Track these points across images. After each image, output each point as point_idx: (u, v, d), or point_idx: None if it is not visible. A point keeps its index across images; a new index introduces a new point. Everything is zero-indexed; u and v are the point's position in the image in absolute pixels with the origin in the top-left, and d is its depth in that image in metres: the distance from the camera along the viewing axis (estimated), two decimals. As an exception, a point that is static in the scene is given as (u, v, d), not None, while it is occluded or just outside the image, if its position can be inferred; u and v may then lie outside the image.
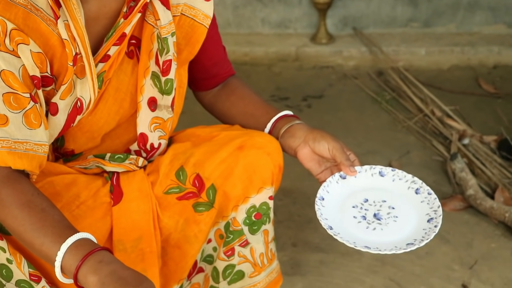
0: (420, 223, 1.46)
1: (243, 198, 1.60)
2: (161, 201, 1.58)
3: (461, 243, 2.29)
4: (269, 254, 1.71)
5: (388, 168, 1.58)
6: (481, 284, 2.09)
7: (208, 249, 1.67)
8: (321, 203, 1.51)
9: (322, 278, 2.09)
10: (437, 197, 1.51)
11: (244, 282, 1.73)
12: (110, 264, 1.23)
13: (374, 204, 1.52)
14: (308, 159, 1.59)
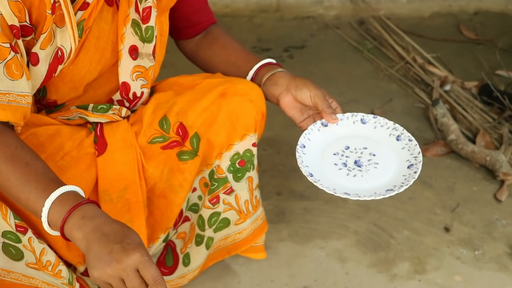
0: (400, 169, 1.48)
1: (226, 146, 1.60)
2: (145, 151, 1.58)
3: (443, 187, 2.33)
4: (253, 201, 1.73)
5: (369, 115, 1.59)
6: (463, 227, 2.13)
7: (193, 198, 1.68)
8: (302, 151, 1.52)
9: (306, 225, 2.12)
10: (417, 143, 1.52)
11: (229, 230, 1.75)
12: (93, 219, 1.23)
13: (355, 151, 1.53)
14: (290, 107, 1.59)
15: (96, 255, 1.19)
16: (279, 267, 1.92)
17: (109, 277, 1.19)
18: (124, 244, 1.19)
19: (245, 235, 1.78)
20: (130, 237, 1.21)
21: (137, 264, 1.18)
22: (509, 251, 2.02)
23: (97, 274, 1.20)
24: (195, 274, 1.77)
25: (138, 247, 1.20)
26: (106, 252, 1.19)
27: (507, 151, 2.43)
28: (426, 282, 1.88)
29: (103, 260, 1.19)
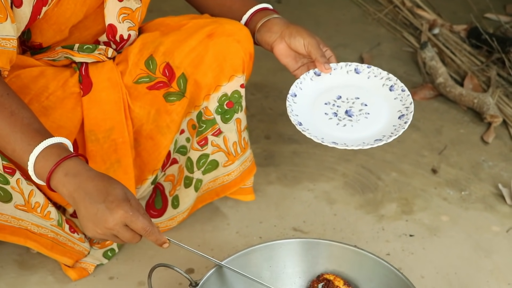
0: (391, 120, 1.47)
1: (214, 87, 1.59)
2: (131, 91, 1.57)
3: (431, 130, 2.34)
4: (242, 143, 1.73)
5: (364, 65, 1.57)
6: (450, 168, 2.14)
7: (181, 140, 1.68)
8: (292, 100, 1.51)
9: (295, 168, 2.12)
10: (410, 94, 1.51)
11: (218, 172, 1.75)
12: (76, 176, 1.24)
13: (347, 101, 1.52)
14: (284, 55, 1.57)
15: (84, 216, 1.23)
16: (268, 209, 1.93)
17: (101, 235, 1.24)
18: (107, 203, 1.21)
19: (234, 177, 1.79)
20: (112, 194, 1.22)
21: (123, 221, 1.22)
22: (495, 191, 2.04)
23: (90, 234, 1.25)
24: (184, 216, 1.79)
25: (121, 203, 1.22)
26: (92, 213, 1.22)
27: (494, 93, 2.43)
28: (413, 222, 1.90)
29: (92, 221, 1.22)
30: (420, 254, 1.79)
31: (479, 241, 1.84)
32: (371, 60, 2.77)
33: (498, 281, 1.70)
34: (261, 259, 1.47)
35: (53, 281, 1.66)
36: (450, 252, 1.80)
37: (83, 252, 1.66)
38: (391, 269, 1.41)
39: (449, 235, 1.86)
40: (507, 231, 1.88)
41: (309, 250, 1.49)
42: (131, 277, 1.67)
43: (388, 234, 1.86)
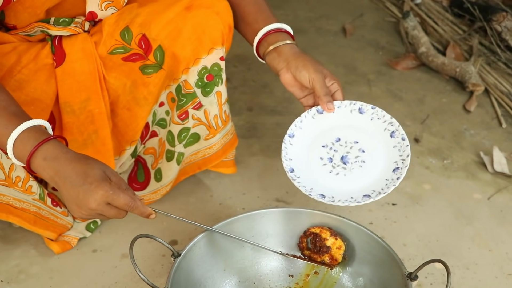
0: (385, 172, 1.44)
1: (193, 60, 1.58)
2: (105, 62, 1.55)
3: (413, 99, 2.34)
4: (223, 116, 1.72)
5: (368, 105, 1.52)
6: (432, 137, 2.15)
7: (160, 113, 1.67)
8: (289, 141, 1.49)
9: (278, 139, 2.10)
10: (409, 144, 1.47)
11: (199, 145, 1.75)
12: (54, 160, 1.24)
13: (345, 144, 1.50)
14: (290, 84, 1.54)
15: (67, 199, 1.26)
16: (251, 181, 1.93)
17: (87, 216, 1.27)
18: (86, 185, 1.22)
19: (215, 150, 1.78)
20: (90, 175, 1.23)
21: (104, 200, 1.23)
22: (476, 159, 2.05)
23: (77, 216, 1.28)
24: (167, 190, 1.79)
25: (100, 183, 1.23)
26: (74, 196, 1.23)
27: (476, 62, 2.44)
28: (396, 191, 1.89)
29: (75, 204, 1.25)
30: (402, 223, 1.80)
31: (461, 209, 1.85)
32: (354, 31, 2.76)
33: (480, 247, 1.71)
34: (244, 229, 1.47)
35: (36, 254, 1.65)
36: (432, 220, 1.81)
37: (66, 225, 1.66)
38: (374, 237, 1.42)
39: (431, 203, 1.87)
40: (489, 198, 1.89)
41: (291, 220, 1.49)
42: (114, 249, 1.67)
43: (371, 203, 1.86)
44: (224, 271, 1.45)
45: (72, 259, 1.65)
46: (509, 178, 1.96)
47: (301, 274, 1.51)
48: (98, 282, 1.58)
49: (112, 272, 1.61)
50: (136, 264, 1.25)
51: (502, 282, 1.61)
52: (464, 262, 1.67)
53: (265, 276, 1.50)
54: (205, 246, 1.41)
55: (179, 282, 1.33)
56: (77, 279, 1.59)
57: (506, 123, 2.21)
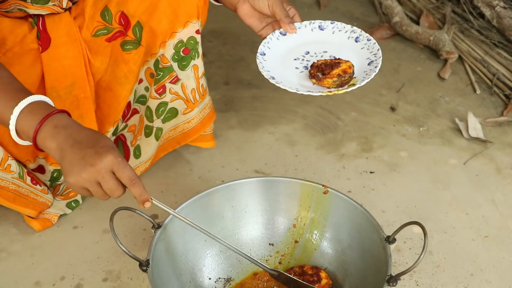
0: (361, 67, 1.48)
1: (170, 34, 1.58)
2: (90, 45, 1.55)
3: (388, 69, 2.36)
4: (200, 90, 1.72)
5: (327, 21, 1.58)
6: (408, 105, 2.17)
7: (140, 90, 1.67)
8: (262, 58, 1.51)
9: (255, 112, 2.13)
10: (376, 42, 1.52)
11: (178, 120, 1.75)
12: (66, 128, 1.21)
13: (315, 55, 1.53)
14: (248, 15, 1.56)
15: (70, 161, 1.18)
16: (230, 154, 1.94)
17: (85, 181, 1.19)
18: (97, 148, 1.18)
19: (194, 124, 1.79)
20: (102, 141, 1.20)
21: (111, 165, 1.18)
22: (452, 126, 2.07)
23: (73, 180, 1.19)
24: (146, 166, 1.79)
25: (111, 149, 1.19)
26: (79, 157, 1.18)
27: (450, 30, 2.46)
28: (373, 159, 1.93)
29: (78, 165, 1.18)
30: (380, 190, 1.82)
31: (437, 174, 1.87)
32: (328, 3, 2.76)
33: (457, 212, 1.74)
34: (223, 199, 1.48)
35: (16, 232, 1.66)
36: (409, 187, 1.83)
37: (47, 203, 1.66)
38: (352, 203, 1.43)
39: (408, 170, 1.90)
40: (464, 163, 1.91)
41: (269, 189, 1.50)
42: (95, 225, 1.68)
43: (349, 172, 1.89)
44: (205, 241, 1.46)
45: (53, 236, 1.65)
46: (484, 143, 1.99)
47: (282, 242, 1.52)
48: (80, 258, 1.59)
49: (94, 248, 1.62)
50: (117, 237, 1.26)
51: (479, 244, 1.64)
52: (441, 226, 1.70)
53: (245, 245, 1.51)
54: (185, 217, 1.42)
55: (160, 253, 1.34)
56: (58, 256, 1.60)
57: (480, 89, 2.24)
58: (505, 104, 2.16)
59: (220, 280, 1.46)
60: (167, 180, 1.83)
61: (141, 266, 1.28)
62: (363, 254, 1.40)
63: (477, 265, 1.58)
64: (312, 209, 1.50)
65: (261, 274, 1.48)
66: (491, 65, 2.30)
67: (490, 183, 1.84)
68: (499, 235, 1.67)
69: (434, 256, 1.60)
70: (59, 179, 1.66)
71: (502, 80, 2.24)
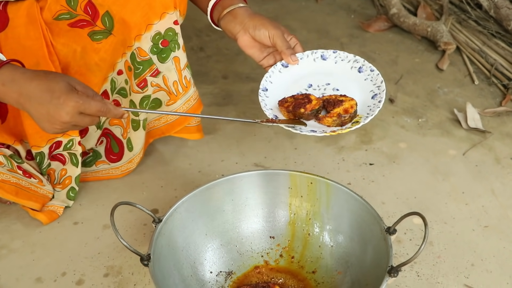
0: (365, 100, 1.47)
1: (145, 26, 1.55)
2: (51, 27, 1.52)
3: (386, 61, 2.35)
4: (183, 82, 1.68)
5: (329, 50, 1.57)
6: (407, 97, 2.17)
7: (120, 82, 1.64)
8: (264, 94, 1.50)
9: (254, 106, 2.12)
10: (379, 73, 1.50)
11: (162, 110, 1.74)
12: (14, 82, 1.25)
13: (318, 88, 1.52)
14: (249, 46, 1.56)
15: (38, 119, 1.26)
16: (229, 148, 1.94)
17: (62, 129, 1.29)
18: (54, 100, 1.24)
19: (177, 116, 1.78)
20: (56, 89, 1.24)
21: (76, 111, 1.25)
22: (451, 116, 2.07)
23: (51, 132, 1.29)
24: (141, 156, 1.79)
25: (68, 95, 1.24)
26: (44, 114, 1.24)
27: (447, 21, 2.45)
28: (373, 151, 1.93)
29: (47, 121, 1.26)
30: (380, 182, 1.82)
31: (437, 165, 1.87)
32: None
33: (456, 202, 1.74)
34: (223, 193, 1.48)
35: (17, 229, 1.65)
36: (409, 178, 1.83)
37: (47, 195, 1.66)
38: (352, 195, 1.43)
39: (407, 161, 1.90)
40: (464, 154, 1.92)
41: (270, 182, 1.50)
42: (96, 221, 1.68)
43: (349, 164, 1.89)
44: (205, 235, 1.46)
45: (54, 232, 1.65)
46: (482, 133, 1.99)
47: (282, 235, 1.53)
48: (81, 254, 1.59)
49: (95, 243, 1.62)
50: (118, 231, 1.26)
51: (479, 234, 1.64)
52: (441, 217, 1.70)
53: (246, 239, 1.51)
54: (186, 211, 1.42)
55: (161, 247, 1.34)
56: (59, 252, 1.60)
57: (478, 79, 2.24)
58: (503, 94, 2.16)
59: (222, 274, 1.46)
60: (166, 174, 1.83)
61: (142, 260, 1.28)
62: (364, 246, 1.41)
63: (477, 255, 1.58)
64: (313, 201, 1.50)
65: (262, 268, 1.49)
66: (489, 55, 2.30)
67: (490, 173, 1.84)
68: (499, 225, 1.67)
69: (435, 247, 1.60)
70: (43, 162, 1.65)
71: (500, 70, 2.24)
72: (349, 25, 2.59)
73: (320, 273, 1.46)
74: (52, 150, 1.64)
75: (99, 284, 1.51)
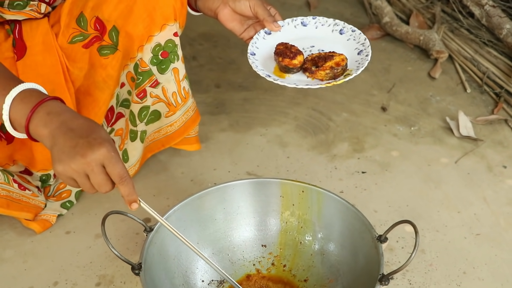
0: (352, 57, 1.49)
1: (146, 37, 1.56)
2: (68, 52, 1.54)
3: (379, 69, 2.36)
4: (182, 93, 1.70)
5: (309, 17, 1.60)
6: (399, 105, 2.18)
7: (123, 94, 1.66)
8: (253, 57, 1.52)
9: (247, 114, 2.13)
10: (361, 32, 1.54)
11: (161, 123, 1.74)
12: (59, 115, 1.17)
13: (304, 50, 1.54)
14: (229, 19, 1.57)
15: (60, 149, 1.15)
16: (221, 156, 1.94)
17: (73, 171, 1.15)
18: (90, 138, 1.14)
19: (177, 128, 1.77)
20: (97, 133, 1.16)
21: (102, 159, 1.14)
22: (443, 125, 2.08)
23: (61, 169, 1.15)
24: (136, 169, 1.79)
25: (105, 142, 1.15)
26: (71, 146, 1.14)
27: (439, 29, 2.47)
28: (365, 159, 1.93)
29: (68, 154, 1.14)
30: (372, 190, 1.82)
31: (429, 174, 1.88)
32: (318, 4, 2.77)
33: (449, 210, 1.75)
34: (215, 202, 1.48)
35: (9, 239, 1.65)
36: (401, 186, 1.84)
37: (40, 205, 1.66)
38: (344, 203, 1.44)
39: (400, 169, 1.90)
40: (456, 162, 1.92)
41: (261, 190, 1.51)
42: (88, 230, 1.68)
43: (341, 172, 1.89)
44: (197, 244, 1.46)
45: (46, 241, 1.65)
46: (475, 141, 1.99)
47: (274, 243, 1.53)
48: (73, 263, 1.59)
49: (87, 252, 1.62)
50: (109, 241, 1.26)
51: (471, 242, 1.65)
52: (433, 225, 1.70)
53: (238, 247, 1.51)
54: (177, 220, 1.42)
55: (153, 256, 1.34)
56: (51, 261, 1.59)
57: (470, 88, 2.25)
58: (495, 102, 2.17)
59: (213, 283, 1.46)
60: (159, 183, 1.83)
61: (133, 269, 1.28)
62: (355, 254, 1.41)
63: (469, 263, 1.59)
64: (304, 209, 1.50)
65: (254, 276, 1.49)
66: (481, 63, 2.31)
67: (482, 181, 1.85)
68: (491, 232, 1.67)
69: (427, 255, 1.61)
70: (48, 181, 1.66)
71: (492, 79, 2.25)
72: (342, 34, 2.60)
73: (312, 282, 1.46)
74: None
75: (91, 293, 1.51)
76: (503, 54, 2.34)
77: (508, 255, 1.61)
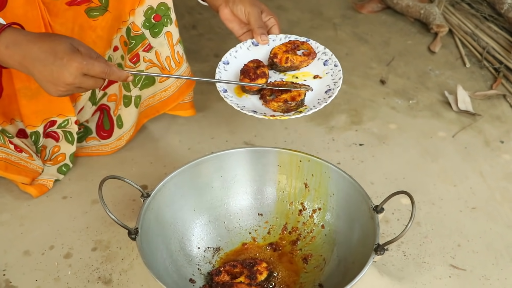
0: (318, 93, 1.45)
1: (138, 0, 1.55)
2: (49, 7, 1.51)
3: (379, 42, 2.35)
4: (176, 57, 1.68)
5: (303, 38, 1.55)
6: (398, 78, 2.17)
7: (116, 58, 1.65)
8: (223, 67, 1.50)
9: (245, 84, 2.12)
10: (341, 70, 1.48)
11: (155, 88, 1.73)
12: (17, 45, 1.24)
13: (279, 72, 1.51)
14: (229, 19, 1.56)
15: (42, 80, 1.25)
16: (219, 125, 1.94)
17: (66, 91, 1.27)
18: (57, 61, 1.23)
19: (171, 93, 1.76)
20: (59, 51, 1.23)
21: (79, 72, 1.24)
22: (441, 99, 2.08)
23: (55, 95, 1.28)
24: (131, 134, 1.78)
25: (72, 56, 1.23)
26: (48, 75, 1.23)
27: (440, 3, 2.45)
28: (363, 132, 1.93)
29: (51, 83, 1.25)
30: (369, 162, 1.82)
31: (426, 147, 1.88)
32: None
33: (445, 183, 1.75)
34: (212, 169, 1.48)
35: (5, 202, 1.65)
36: (398, 159, 1.84)
37: (37, 170, 1.66)
38: (341, 173, 1.44)
39: (397, 142, 1.90)
40: (453, 136, 1.92)
41: (259, 159, 1.50)
42: (85, 195, 1.68)
43: (339, 144, 1.89)
44: (194, 211, 1.46)
45: (43, 205, 1.65)
46: (472, 116, 1.99)
47: (271, 212, 1.53)
48: (69, 228, 1.59)
49: (83, 217, 1.62)
50: (106, 205, 1.26)
51: (466, 215, 1.65)
52: (430, 197, 1.71)
53: (234, 215, 1.52)
54: (174, 186, 1.42)
55: (149, 222, 1.34)
56: (48, 225, 1.60)
57: (469, 62, 2.24)
58: (494, 77, 2.17)
59: (209, 250, 1.46)
60: (156, 151, 1.83)
61: (130, 234, 1.28)
62: (352, 224, 1.41)
63: (464, 236, 1.59)
64: (301, 179, 1.50)
65: (250, 244, 1.49)
66: (481, 38, 2.30)
67: (478, 156, 1.85)
68: (486, 206, 1.68)
69: (422, 227, 1.61)
70: (38, 142, 1.65)
71: (491, 54, 2.24)
72: (342, 6, 2.58)
73: (308, 251, 1.46)
74: (46, 128, 1.64)
75: (87, 257, 1.51)
76: (504, 29, 2.33)
77: (502, 228, 1.62)
